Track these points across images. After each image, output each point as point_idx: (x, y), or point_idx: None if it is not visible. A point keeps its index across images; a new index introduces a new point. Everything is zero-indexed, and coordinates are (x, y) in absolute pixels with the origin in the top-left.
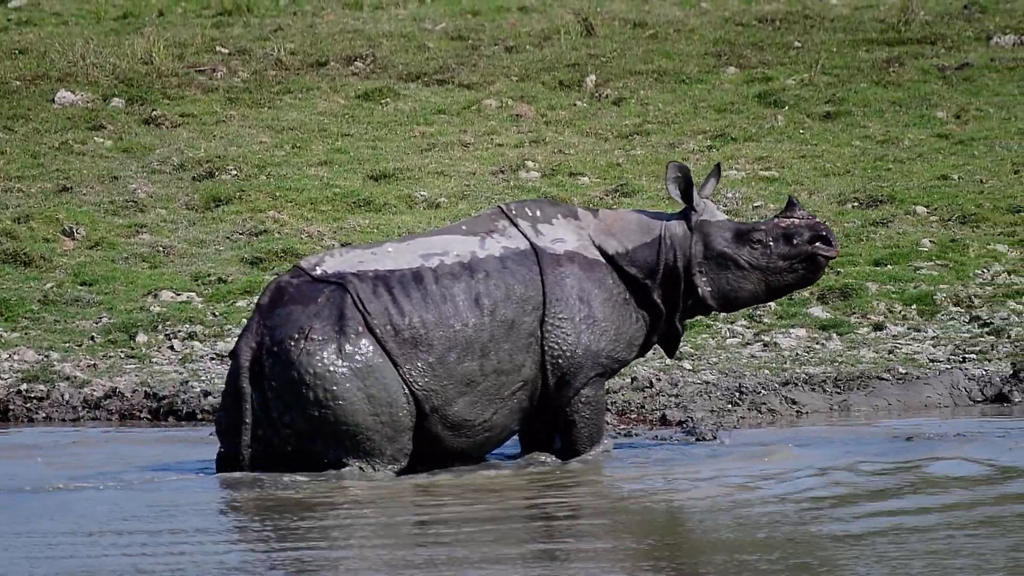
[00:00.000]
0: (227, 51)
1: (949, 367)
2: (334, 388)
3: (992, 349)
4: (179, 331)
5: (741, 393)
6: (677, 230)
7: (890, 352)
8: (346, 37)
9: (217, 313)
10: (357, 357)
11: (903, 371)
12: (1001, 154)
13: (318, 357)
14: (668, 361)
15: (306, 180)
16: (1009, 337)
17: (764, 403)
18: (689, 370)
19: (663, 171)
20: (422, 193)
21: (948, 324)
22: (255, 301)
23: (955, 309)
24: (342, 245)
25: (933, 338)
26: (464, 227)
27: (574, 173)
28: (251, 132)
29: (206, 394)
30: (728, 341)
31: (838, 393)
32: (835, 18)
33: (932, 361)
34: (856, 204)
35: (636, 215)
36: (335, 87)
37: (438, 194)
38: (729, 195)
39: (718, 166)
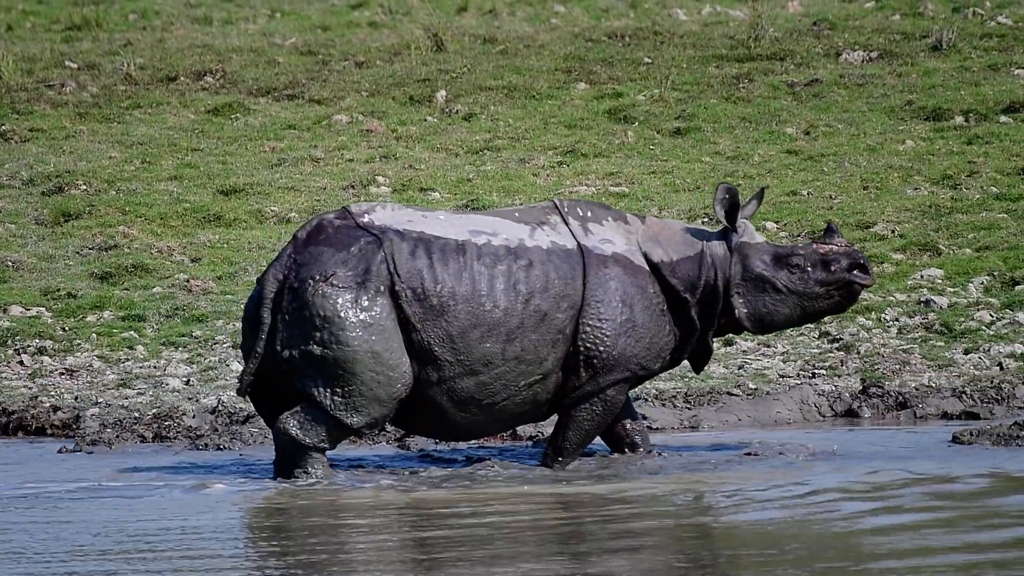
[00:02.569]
0: (76, 66)
1: (799, 383)
2: (339, 333)
3: (841, 365)
4: (28, 346)
5: None
6: (718, 249)
7: (740, 368)
8: (196, 52)
9: (67, 328)
10: (372, 312)
11: (753, 387)
12: (850, 170)
13: (332, 301)
14: None
15: (156, 195)
16: (858, 353)
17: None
18: None
19: (513, 187)
20: (272, 208)
21: (798, 340)
22: (293, 233)
23: (805, 326)
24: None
25: (783, 354)
26: (517, 214)
27: (424, 188)
28: (101, 147)
29: (55, 409)
30: None
31: (688, 409)
32: (685, 34)
33: (782, 377)
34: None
35: (681, 227)
36: (185, 102)
37: (288, 209)
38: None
39: (762, 190)
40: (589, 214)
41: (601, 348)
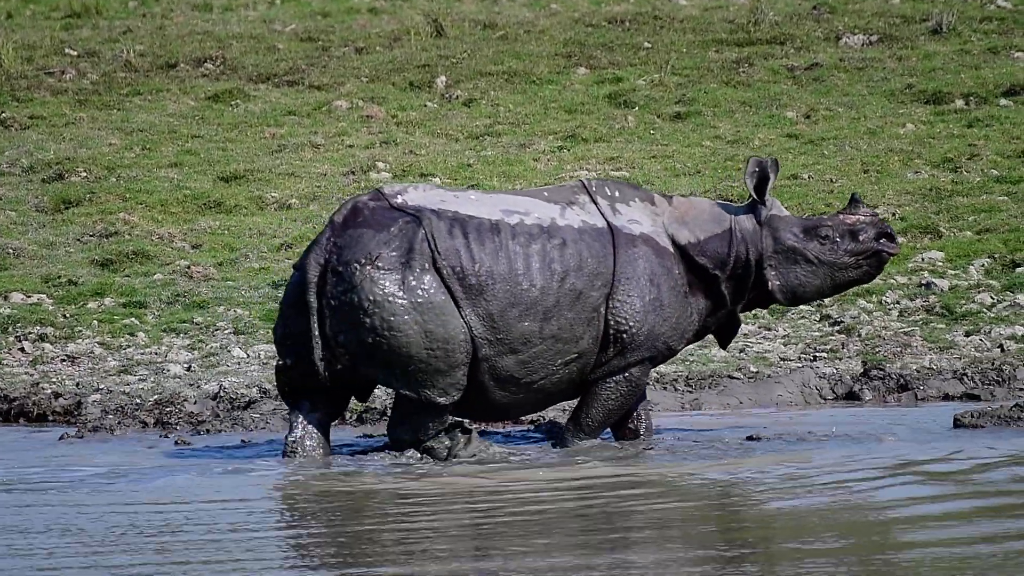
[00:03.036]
0: (76, 53)
1: (800, 366)
2: (391, 319)
3: (842, 347)
4: (29, 333)
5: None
6: (747, 224)
7: (741, 351)
8: (195, 39)
9: (68, 315)
10: (419, 292)
11: (754, 370)
12: (851, 153)
13: (380, 285)
14: None
15: (156, 182)
16: (859, 336)
17: None
18: None
19: (514, 172)
20: (273, 194)
21: (799, 323)
22: (329, 216)
23: (806, 308)
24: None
25: (784, 337)
26: (546, 194)
27: (425, 174)
28: (101, 134)
29: (57, 396)
30: None
31: (689, 392)
32: (685, 19)
33: (783, 360)
34: None
35: (708, 204)
36: (185, 89)
37: (288, 195)
38: None
39: (775, 162)
40: (617, 194)
41: (631, 324)
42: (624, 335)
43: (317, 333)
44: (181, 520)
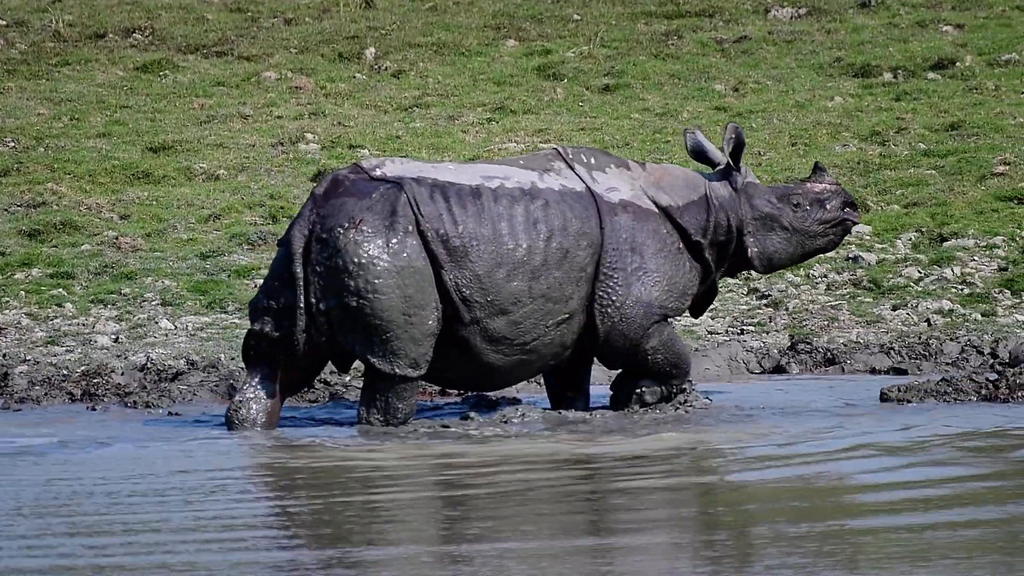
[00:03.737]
0: (4, 22)
1: (728, 339)
2: (376, 281)
3: (770, 321)
4: None
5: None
6: (722, 191)
7: None
8: (124, 9)
9: None
10: (402, 255)
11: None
12: (779, 126)
13: (364, 248)
14: None
15: (84, 152)
16: (787, 309)
17: None
18: None
19: (442, 144)
20: (201, 165)
21: (727, 296)
22: (311, 191)
23: (733, 282)
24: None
25: (711, 310)
26: (522, 162)
27: (354, 146)
28: (29, 104)
29: None
30: None
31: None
32: None
33: (711, 333)
34: None
35: (681, 171)
36: (113, 59)
37: (217, 166)
38: None
39: (735, 128)
40: (593, 160)
41: (615, 298)
42: (610, 308)
43: (303, 305)
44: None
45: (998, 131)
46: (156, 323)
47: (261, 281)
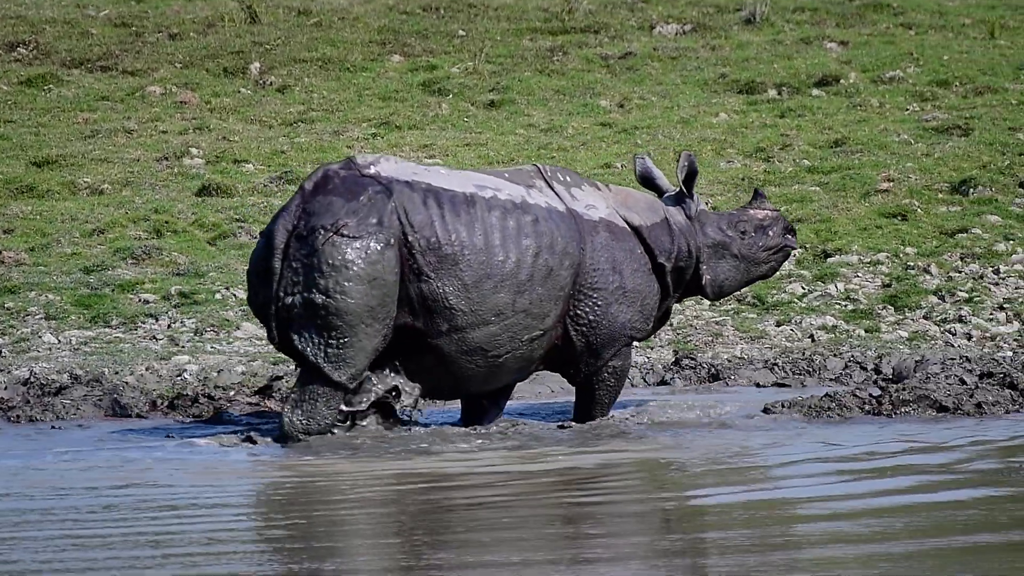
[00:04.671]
0: None
1: None
2: (345, 284)
3: (655, 337)
4: None
5: None
6: (678, 217)
7: None
8: (8, 23)
9: None
10: (377, 265)
11: None
12: (664, 142)
13: (341, 250)
14: None
15: None
16: (671, 325)
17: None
18: None
19: (327, 159)
20: (85, 180)
21: None
22: (300, 184)
23: None
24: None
25: None
26: (507, 175)
27: (238, 160)
28: None
29: None
30: None
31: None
32: (499, 7)
33: None
34: None
35: (640, 194)
36: None
37: (101, 180)
38: None
39: (689, 156)
40: (569, 179)
41: (592, 317)
42: (586, 328)
43: (273, 297)
44: None
45: (882, 148)
46: (40, 337)
47: (147, 295)
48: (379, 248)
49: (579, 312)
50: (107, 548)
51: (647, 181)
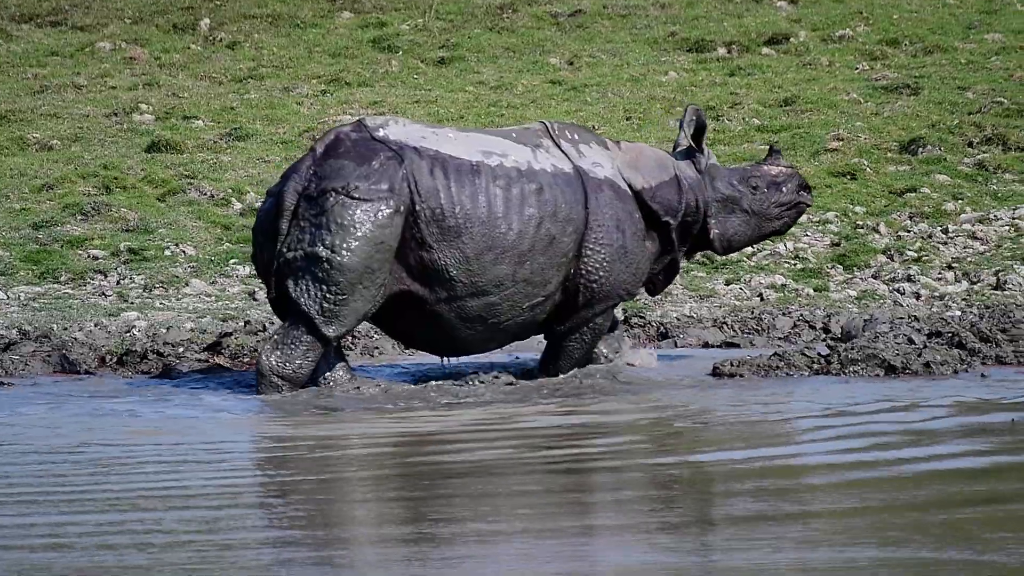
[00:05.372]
0: None
1: None
2: (350, 242)
3: (663, 293)
4: None
5: (355, 337)
6: (688, 171)
7: None
8: None
9: None
10: (385, 230)
11: None
12: (613, 100)
13: (350, 211)
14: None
15: None
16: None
17: (376, 347)
18: None
19: (277, 115)
20: (35, 135)
21: None
22: (311, 146)
23: None
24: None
25: None
26: (514, 135)
27: (188, 116)
28: None
29: None
30: None
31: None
32: None
33: None
34: None
35: (652, 151)
36: None
37: (50, 136)
38: None
39: (696, 109)
40: (576, 136)
41: (601, 273)
42: (594, 284)
43: (277, 253)
44: None
45: (831, 107)
46: None
47: (96, 251)
48: (388, 213)
49: (587, 269)
50: None
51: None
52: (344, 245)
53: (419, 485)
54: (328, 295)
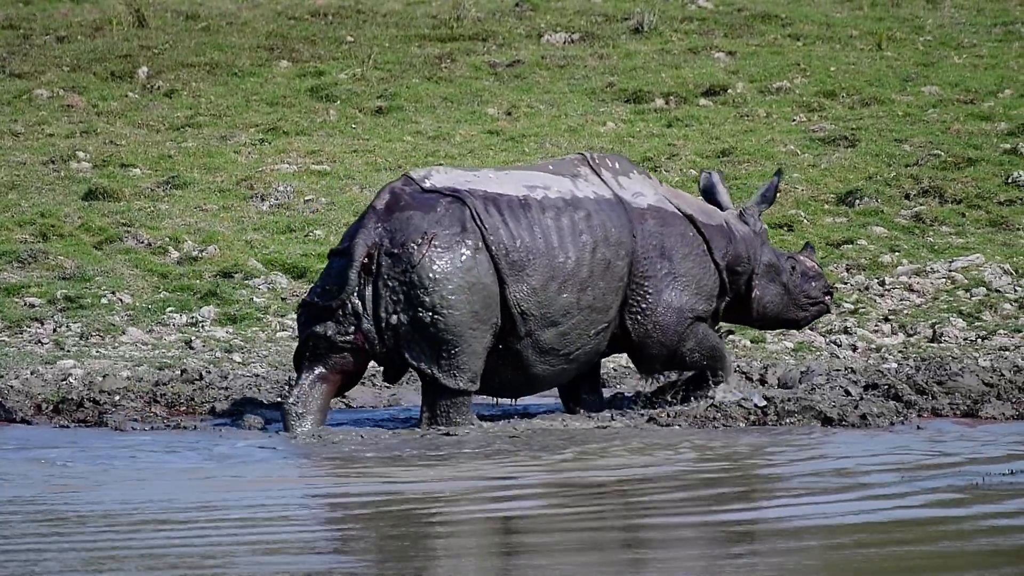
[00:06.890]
0: None
1: None
2: (450, 297)
3: None
4: None
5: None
6: (739, 227)
7: None
8: None
9: None
10: (473, 271)
11: None
12: (552, 151)
13: (439, 263)
14: (219, 354)
15: None
16: None
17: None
18: (239, 363)
19: (215, 164)
20: None
21: None
22: (369, 204)
23: None
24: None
25: None
26: (551, 167)
27: (125, 164)
28: None
29: None
30: (278, 335)
31: (387, 388)
32: (387, 13)
33: None
34: None
35: (692, 197)
36: None
37: None
38: (280, 188)
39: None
40: (617, 166)
41: (644, 305)
42: (639, 316)
43: (371, 315)
44: None
45: (768, 158)
46: None
47: (32, 299)
48: (470, 254)
49: (632, 300)
50: None
51: (708, 195)
52: (443, 303)
53: None
54: (443, 353)
